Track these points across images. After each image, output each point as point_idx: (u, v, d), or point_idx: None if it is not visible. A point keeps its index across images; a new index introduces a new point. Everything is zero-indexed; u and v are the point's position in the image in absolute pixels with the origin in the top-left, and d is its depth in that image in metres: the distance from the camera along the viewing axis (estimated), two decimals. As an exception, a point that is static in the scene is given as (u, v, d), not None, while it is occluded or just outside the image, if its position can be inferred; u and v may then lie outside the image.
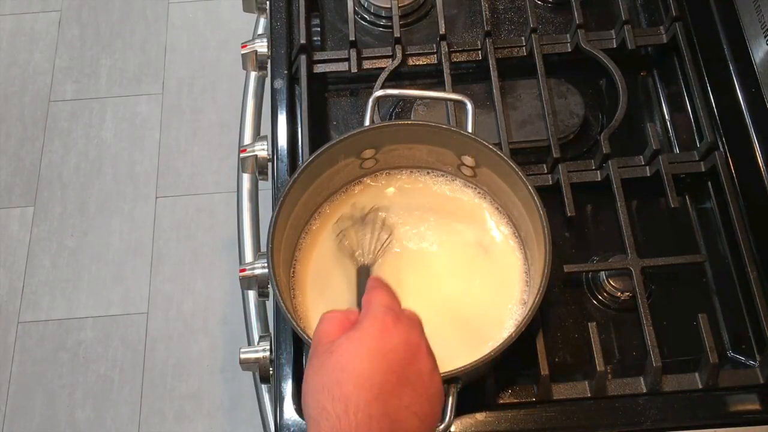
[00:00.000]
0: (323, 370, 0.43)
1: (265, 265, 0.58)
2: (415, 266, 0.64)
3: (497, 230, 0.65)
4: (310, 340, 0.55)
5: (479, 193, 0.67)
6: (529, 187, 0.59)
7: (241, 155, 0.76)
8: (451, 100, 0.71)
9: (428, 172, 0.68)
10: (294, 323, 0.56)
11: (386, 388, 0.41)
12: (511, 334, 0.55)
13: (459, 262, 0.64)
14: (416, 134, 0.64)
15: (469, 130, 0.63)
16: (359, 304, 0.49)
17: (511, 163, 0.60)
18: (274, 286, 0.57)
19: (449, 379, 0.54)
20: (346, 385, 0.41)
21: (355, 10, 0.79)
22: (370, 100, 0.65)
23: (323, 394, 0.42)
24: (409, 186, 0.68)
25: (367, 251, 0.61)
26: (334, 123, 0.77)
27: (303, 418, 0.61)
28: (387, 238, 0.63)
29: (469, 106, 0.64)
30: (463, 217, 0.66)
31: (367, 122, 0.64)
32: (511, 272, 0.63)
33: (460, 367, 0.54)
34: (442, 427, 0.52)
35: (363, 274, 0.59)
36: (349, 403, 0.41)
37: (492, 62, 0.74)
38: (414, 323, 0.46)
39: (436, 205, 0.67)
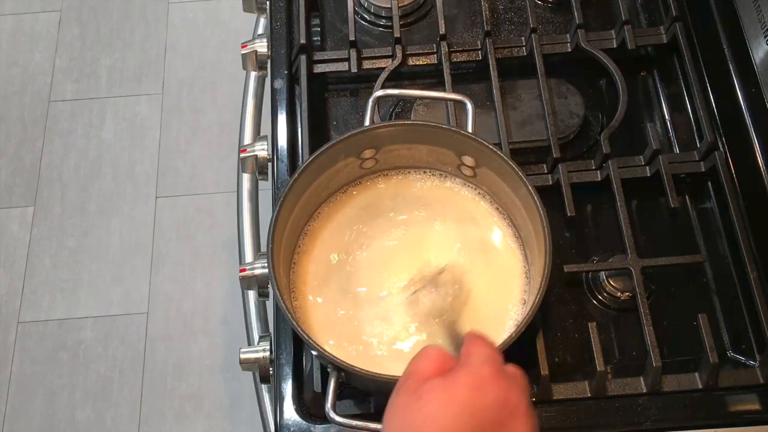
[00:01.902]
0: (407, 411, 0.41)
1: (265, 265, 0.58)
2: (415, 266, 0.64)
3: (497, 230, 0.65)
4: (310, 340, 0.55)
5: (479, 193, 0.67)
6: (529, 187, 0.59)
7: (241, 155, 0.76)
8: (451, 100, 0.71)
9: (428, 172, 0.68)
10: (294, 323, 0.56)
11: None
12: (511, 334, 0.55)
13: (458, 263, 0.63)
14: (416, 134, 0.64)
15: (470, 130, 0.63)
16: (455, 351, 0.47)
17: (511, 163, 0.60)
18: (274, 286, 0.57)
19: None
20: None
21: (355, 10, 0.79)
22: (370, 100, 0.65)
23: None
24: (409, 186, 0.68)
25: (448, 310, 0.59)
26: (334, 123, 0.77)
27: (302, 419, 0.61)
28: (464, 295, 0.61)
29: (469, 106, 0.64)
30: (463, 217, 0.66)
31: (367, 122, 0.64)
32: (511, 272, 0.63)
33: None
34: None
35: (450, 329, 0.56)
36: None
37: (492, 62, 0.74)
38: (516, 381, 0.43)
39: (436, 205, 0.67)
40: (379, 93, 0.66)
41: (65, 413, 1.30)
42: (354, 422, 0.54)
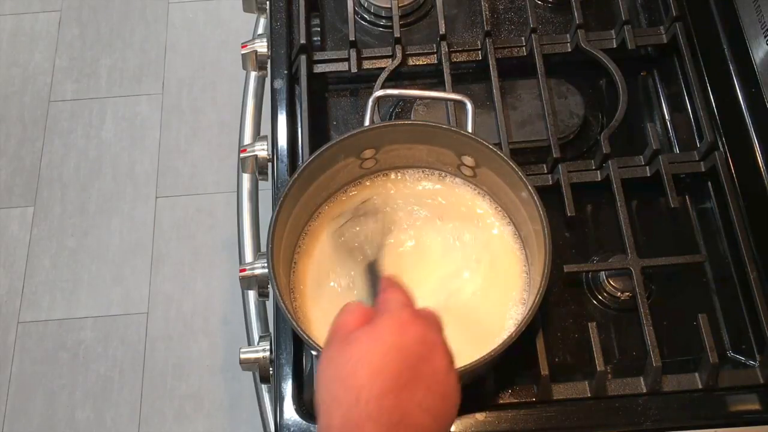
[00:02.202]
0: (338, 360, 0.43)
1: (265, 265, 0.58)
2: (415, 266, 0.64)
3: (497, 230, 0.65)
4: (309, 340, 0.55)
5: (479, 193, 0.67)
6: (529, 187, 0.59)
7: (241, 155, 0.76)
8: (450, 100, 0.71)
9: (428, 172, 0.68)
10: (294, 323, 0.56)
11: (400, 382, 0.41)
12: (511, 334, 0.55)
13: (459, 262, 0.64)
14: (416, 134, 0.64)
15: (469, 130, 0.63)
16: (372, 301, 0.49)
17: (511, 164, 0.60)
18: (274, 286, 0.57)
19: None
20: (359, 376, 0.41)
21: (355, 10, 0.79)
22: (370, 100, 0.65)
23: (336, 384, 0.42)
24: (409, 186, 0.68)
25: (370, 245, 0.61)
26: (334, 123, 0.77)
27: (302, 419, 0.61)
28: (387, 229, 0.62)
29: (469, 106, 0.64)
30: (463, 217, 0.66)
31: (367, 122, 0.64)
32: (510, 272, 0.63)
33: (459, 367, 0.54)
34: None
35: (371, 271, 0.59)
36: (361, 393, 0.41)
37: (492, 62, 0.74)
38: (431, 321, 0.46)
39: (436, 205, 0.67)
40: (379, 93, 0.66)
41: (65, 413, 1.30)
42: None
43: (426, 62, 0.77)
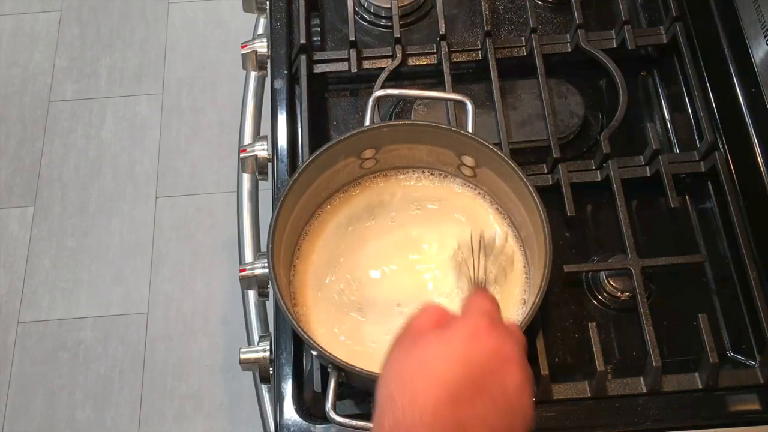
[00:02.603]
0: (402, 360, 0.42)
1: (265, 265, 0.58)
2: (413, 266, 0.64)
3: (497, 230, 0.65)
4: (310, 340, 0.56)
5: (479, 193, 0.67)
6: (530, 187, 0.59)
7: (241, 155, 0.76)
8: (450, 100, 0.71)
9: (428, 172, 0.68)
10: (294, 323, 0.56)
11: (462, 393, 0.40)
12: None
13: (458, 262, 0.63)
14: (416, 134, 0.64)
15: (470, 130, 0.63)
16: None
17: (511, 164, 0.60)
18: (274, 286, 0.57)
19: None
20: (420, 381, 0.40)
21: (355, 10, 0.79)
22: (370, 100, 0.65)
23: (395, 384, 0.41)
24: (409, 186, 0.68)
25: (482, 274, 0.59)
26: (334, 123, 0.77)
27: (302, 418, 0.61)
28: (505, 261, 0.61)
29: (469, 106, 0.64)
30: (463, 217, 0.66)
31: (367, 122, 0.64)
32: (511, 273, 0.63)
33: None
34: None
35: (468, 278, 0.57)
36: (417, 398, 0.39)
37: (492, 62, 0.74)
38: (511, 334, 0.44)
39: (436, 205, 0.67)
40: (379, 93, 0.66)
41: (65, 413, 1.30)
42: (354, 422, 0.54)
43: (426, 62, 0.77)
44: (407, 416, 0.39)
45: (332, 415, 0.54)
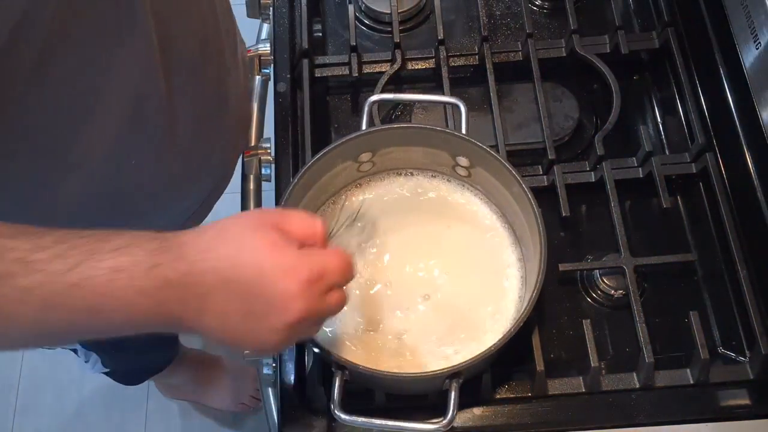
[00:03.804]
0: (239, 234, 0.45)
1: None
2: (410, 266, 0.65)
3: (492, 229, 0.66)
4: (314, 340, 0.57)
5: (474, 193, 0.68)
6: (524, 187, 0.60)
7: (245, 157, 0.77)
8: (444, 103, 0.71)
9: (424, 173, 0.69)
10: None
11: (238, 287, 0.43)
12: (509, 330, 0.56)
13: (455, 261, 0.65)
14: (411, 137, 0.65)
15: (463, 131, 0.65)
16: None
17: (506, 164, 0.61)
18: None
19: (452, 375, 0.55)
20: (225, 249, 0.44)
21: (355, 16, 0.80)
22: (366, 105, 0.66)
23: (222, 239, 0.45)
24: (405, 187, 0.69)
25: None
26: (336, 125, 0.78)
27: (305, 414, 0.62)
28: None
29: (463, 109, 0.65)
30: (459, 217, 0.67)
31: (364, 126, 0.65)
32: (506, 271, 0.64)
33: (462, 363, 0.55)
34: (444, 422, 0.53)
35: None
36: (215, 256, 0.43)
37: (489, 66, 0.75)
38: (319, 260, 0.46)
39: (433, 205, 0.68)
40: (375, 98, 0.67)
41: (74, 408, 1.31)
42: (360, 419, 0.55)
43: (425, 66, 0.78)
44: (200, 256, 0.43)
45: (338, 413, 0.55)
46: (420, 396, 0.62)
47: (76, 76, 0.51)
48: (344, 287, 0.49)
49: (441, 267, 0.65)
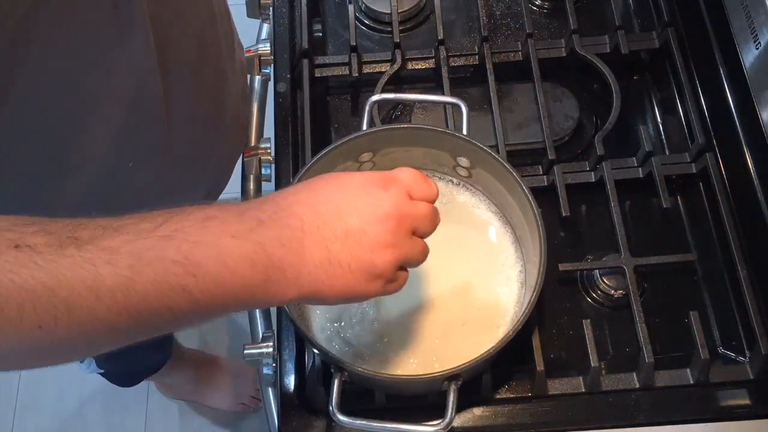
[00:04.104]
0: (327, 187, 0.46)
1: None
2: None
3: (492, 229, 0.66)
4: (312, 338, 0.57)
5: (474, 193, 0.68)
6: (523, 187, 0.60)
7: (245, 158, 0.77)
8: (446, 103, 0.72)
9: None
10: (297, 322, 0.57)
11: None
12: (508, 332, 0.56)
13: (455, 262, 0.65)
14: (412, 137, 0.65)
15: (464, 131, 0.65)
16: None
17: (506, 164, 0.61)
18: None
19: (450, 377, 0.55)
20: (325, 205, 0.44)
21: (355, 16, 0.80)
22: (368, 105, 0.66)
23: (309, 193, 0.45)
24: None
25: None
26: (336, 125, 0.78)
27: (305, 413, 0.62)
28: None
29: (464, 109, 0.65)
30: (459, 217, 0.67)
31: (364, 126, 0.65)
32: (507, 271, 0.64)
33: (461, 365, 0.55)
34: (443, 424, 0.53)
35: None
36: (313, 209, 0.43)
37: (489, 66, 0.75)
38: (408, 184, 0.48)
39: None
40: (376, 98, 0.67)
41: (74, 408, 1.32)
42: (358, 421, 0.55)
43: (425, 66, 0.79)
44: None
45: (337, 415, 0.54)
46: (420, 396, 0.62)
47: (72, 77, 0.51)
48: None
49: (440, 267, 0.64)
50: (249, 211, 0.41)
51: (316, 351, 0.59)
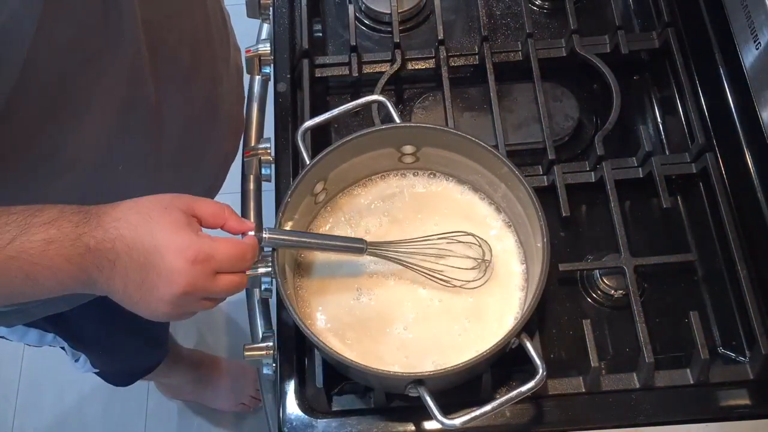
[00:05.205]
0: (153, 212, 0.51)
1: (269, 264, 0.59)
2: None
3: (496, 231, 0.66)
4: (314, 337, 0.57)
5: (475, 193, 0.68)
6: (529, 190, 0.60)
7: (245, 157, 0.77)
8: (369, 103, 0.69)
9: (425, 173, 0.69)
10: (299, 322, 0.57)
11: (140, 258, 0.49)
12: (509, 331, 0.56)
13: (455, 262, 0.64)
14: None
15: (397, 121, 0.64)
16: None
17: (512, 167, 0.61)
18: (280, 288, 0.58)
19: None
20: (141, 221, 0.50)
21: (355, 16, 0.80)
22: (299, 134, 0.65)
23: (139, 214, 0.51)
24: (407, 186, 0.69)
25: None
26: (336, 125, 0.78)
27: (305, 414, 0.62)
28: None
29: (388, 103, 0.65)
30: (462, 218, 0.67)
31: (305, 157, 0.64)
32: (509, 271, 0.64)
33: (460, 364, 0.55)
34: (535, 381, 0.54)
35: None
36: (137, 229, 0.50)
37: (489, 66, 0.75)
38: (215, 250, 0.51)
39: (434, 205, 0.68)
40: (307, 124, 0.66)
41: (74, 408, 1.32)
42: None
43: (425, 66, 0.79)
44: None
45: (444, 420, 0.54)
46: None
47: (62, 78, 0.52)
48: (246, 272, 0.55)
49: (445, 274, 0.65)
50: (83, 237, 0.49)
51: (317, 348, 0.58)
